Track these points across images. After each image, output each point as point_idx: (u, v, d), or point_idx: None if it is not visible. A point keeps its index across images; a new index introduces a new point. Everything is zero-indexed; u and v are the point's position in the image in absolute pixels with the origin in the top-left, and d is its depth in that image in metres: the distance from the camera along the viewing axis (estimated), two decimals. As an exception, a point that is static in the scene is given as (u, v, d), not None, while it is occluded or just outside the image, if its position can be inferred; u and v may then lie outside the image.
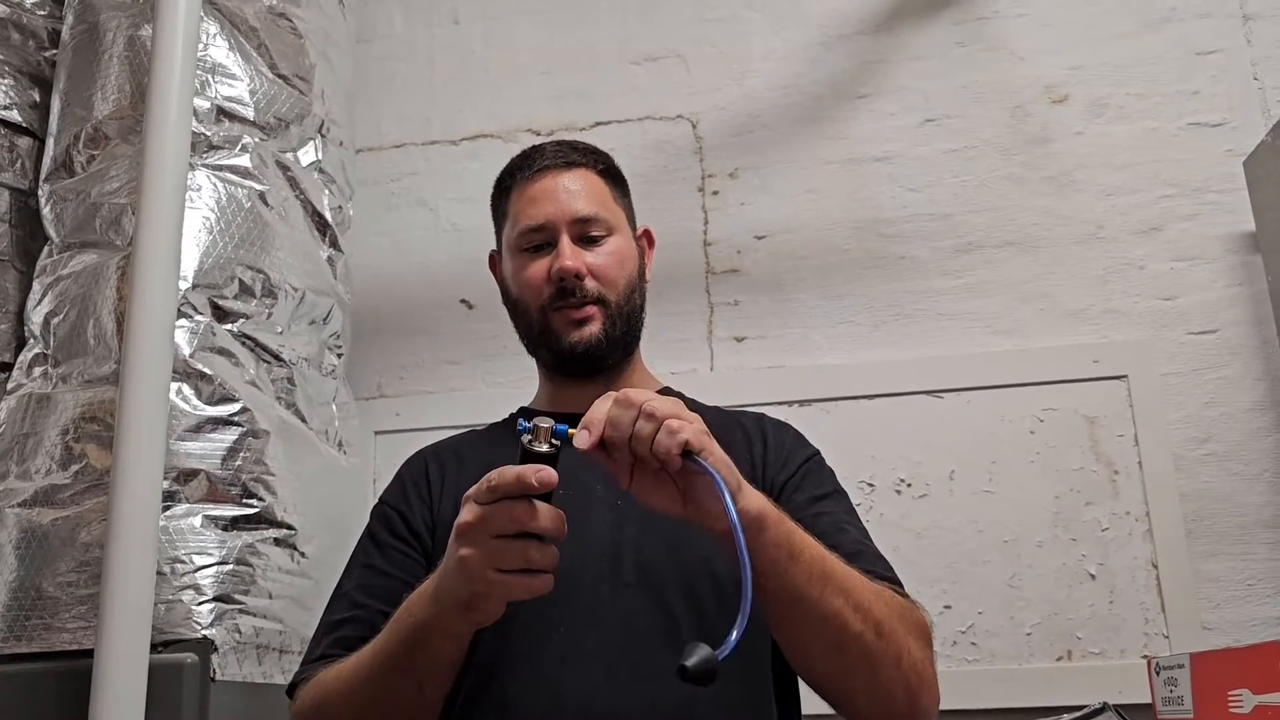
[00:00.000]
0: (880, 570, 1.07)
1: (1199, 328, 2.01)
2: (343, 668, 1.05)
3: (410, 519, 1.19)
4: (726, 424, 1.19)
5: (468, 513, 0.89)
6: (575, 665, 1.03)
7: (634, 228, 1.32)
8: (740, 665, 1.08)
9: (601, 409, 0.89)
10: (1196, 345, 2.00)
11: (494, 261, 1.35)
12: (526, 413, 1.31)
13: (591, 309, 1.21)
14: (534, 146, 1.31)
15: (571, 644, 1.04)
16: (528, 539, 0.88)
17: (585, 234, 1.22)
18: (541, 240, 1.22)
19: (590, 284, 1.21)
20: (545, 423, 0.89)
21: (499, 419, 1.35)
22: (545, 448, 0.89)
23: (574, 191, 1.24)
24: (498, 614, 0.92)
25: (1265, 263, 1.93)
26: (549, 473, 0.87)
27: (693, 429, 0.87)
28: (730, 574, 1.09)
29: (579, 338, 1.20)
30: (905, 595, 1.07)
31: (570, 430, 0.89)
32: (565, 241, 1.21)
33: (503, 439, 1.25)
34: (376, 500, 1.26)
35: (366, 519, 1.26)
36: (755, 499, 0.91)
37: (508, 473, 0.87)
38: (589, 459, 0.89)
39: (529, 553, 0.88)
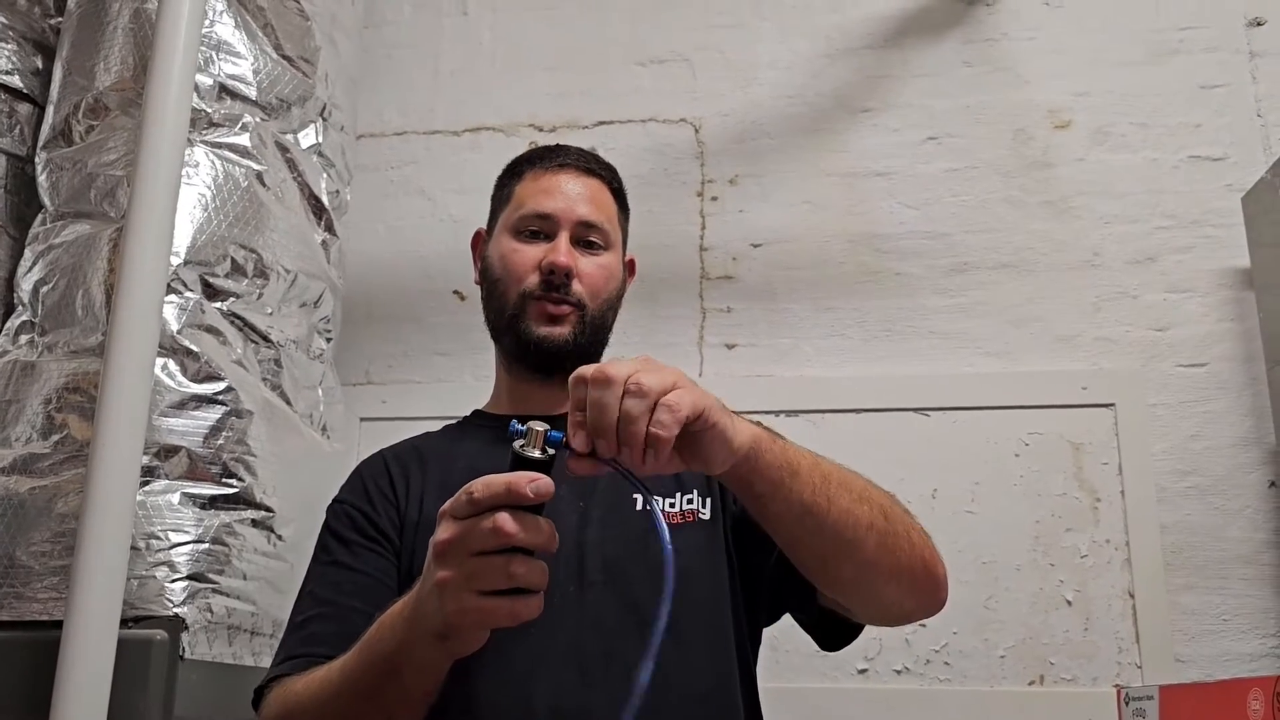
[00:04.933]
0: None
1: (1189, 360, 2.01)
2: (311, 680, 1.01)
3: (375, 519, 1.15)
4: None
5: (445, 529, 0.81)
6: (546, 665, 1.03)
7: (624, 252, 1.32)
8: (708, 655, 1.09)
9: (580, 395, 0.82)
10: (1185, 377, 2.00)
11: (478, 239, 1.34)
12: (483, 415, 1.29)
13: (568, 309, 1.20)
14: (558, 145, 1.31)
15: (542, 644, 1.03)
16: (511, 554, 0.79)
17: (585, 239, 1.22)
18: (541, 229, 1.22)
19: (576, 287, 1.20)
20: (540, 426, 0.81)
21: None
22: (539, 454, 0.80)
23: (586, 196, 1.24)
24: (478, 644, 0.86)
25: (1258, 299, 1.94)
26: (546, 482, 0.79)
27: (690, 399, 0.81)
28: (693, 567, 1.09)
29: (548, 334, 1.19)
30: None
31: (565, 438, 0.81)
32: (564, 238, 1.21)
33: (464, 436, 1.25)
34: (332, 501, 1.21)
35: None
36: (745, 429, 0.89)
37: (495, 482, 0.79)
38: (579, 471, 0.82)
39: (512, 568, 0.79)
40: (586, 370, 0.82)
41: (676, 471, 0.87)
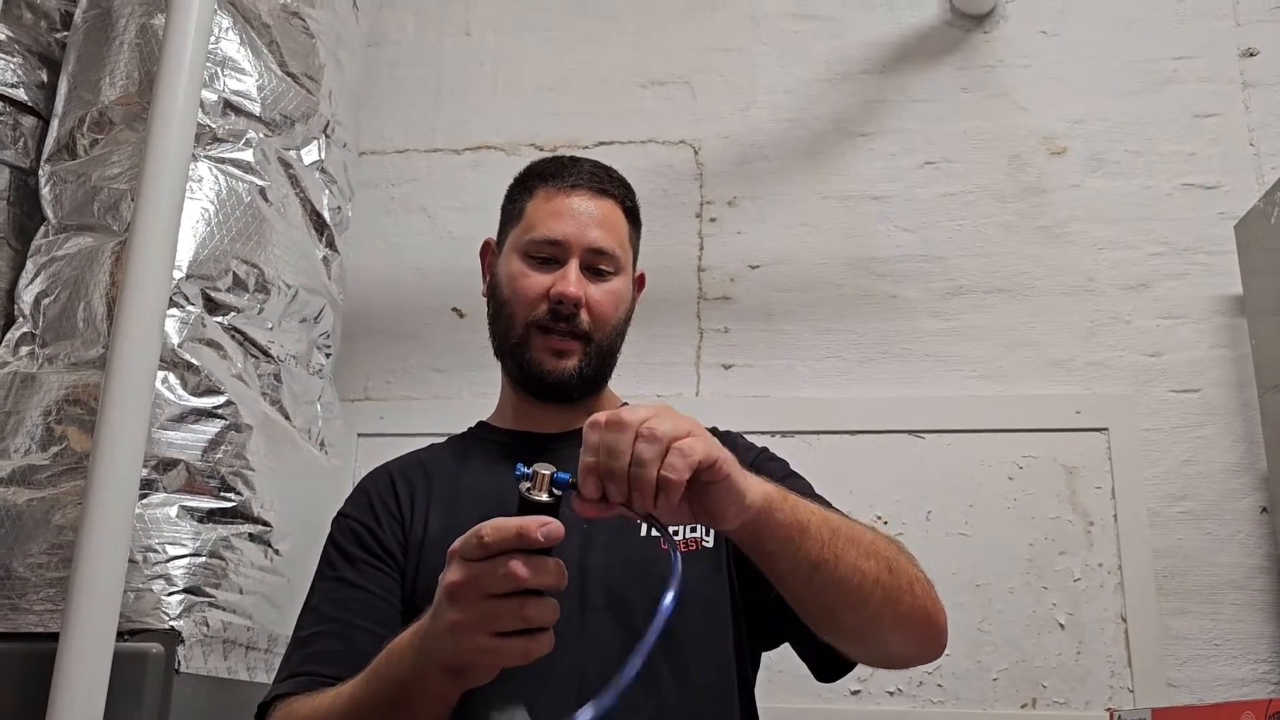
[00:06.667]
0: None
1: (1181, 386, 2.03)
2: (319, 704, 1.00)
3: (380, 535, 1.15)
4: None
5: (456, 570, 0.81)
6: (548, 689, 1.03)
7: (634, 268, 1.31)
8: (710, 679, 1.09)
9: (594, 440, 0.82)
10: (1178, 403, 2.02)
11: (488, 249, 1.32)
12: (487, 428, 1.29)
13: (574, 344, 1.19)
14: (571, 158, 1.28)
15: (544, 668, 1.03)
16: (525, 596, 0.80)
17: (595, 265, 1.21)
18: (551, 255, 1.20)
19: (584, 317, 1.19)
20: (546, 469, 0.82)
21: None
22: (546, 497, 0.81)
23: (598, 220, 1.21)
24: (490, 677, 0.86)
25: (1250, 326, 1.95)
26: (556, 526, 0.79)
27: (703, 446, 0.82)
28: (697, 594, 1.09)
29: (554, 368, 1.18)
30: None
31: (573, 479, 0.82)
32: (574, 267, 1.19)
33: (469, 452, 1.25)
34: (338, 514, 1.21)
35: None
36: (758, 487, 0.89)
37: (506, 526, 0.79)
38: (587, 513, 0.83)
39: (526, 611, 0.80)
40: (601, 416, 0.83)
41: (686, 524, 0.87)
